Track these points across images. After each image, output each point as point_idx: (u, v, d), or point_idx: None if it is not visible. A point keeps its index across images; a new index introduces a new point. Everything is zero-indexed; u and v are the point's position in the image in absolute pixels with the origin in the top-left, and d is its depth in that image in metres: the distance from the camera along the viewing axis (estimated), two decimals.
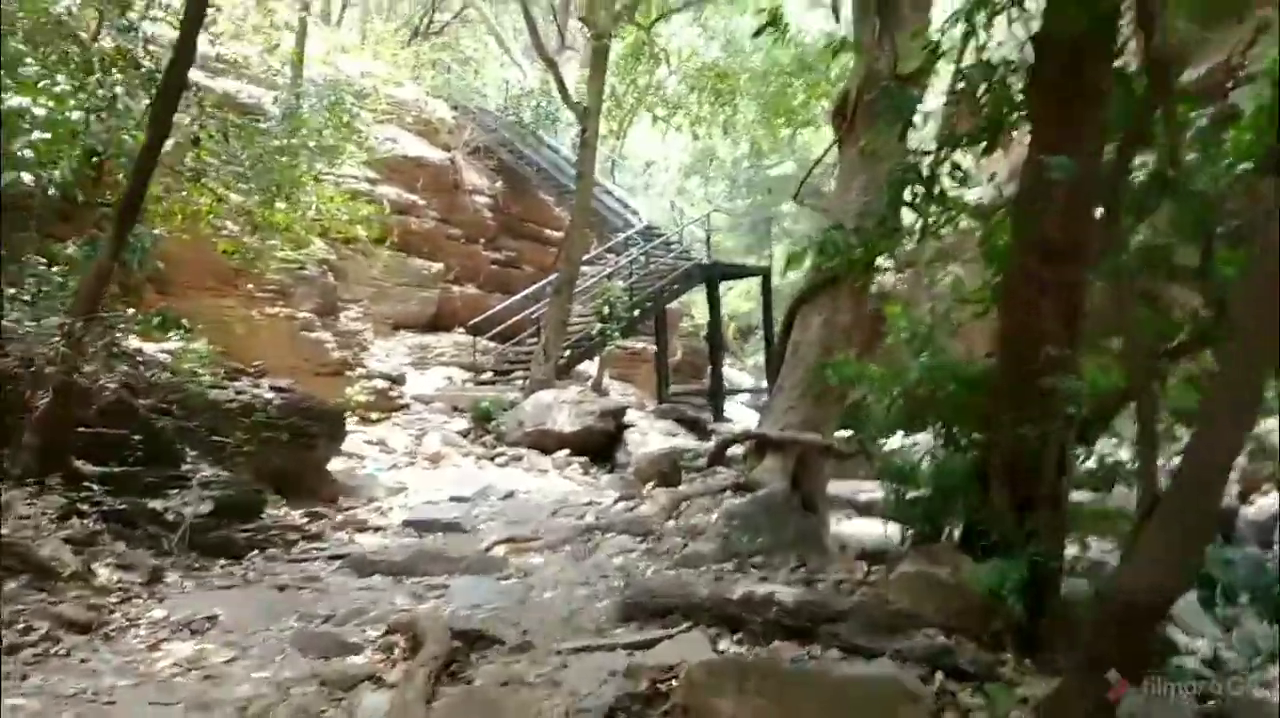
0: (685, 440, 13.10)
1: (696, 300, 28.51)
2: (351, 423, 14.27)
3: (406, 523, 7.92)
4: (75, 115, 7.02)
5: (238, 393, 7.65)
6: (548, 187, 21.57)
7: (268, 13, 15.11)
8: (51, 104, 6.79)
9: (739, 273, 22.15)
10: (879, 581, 5.37)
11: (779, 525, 6.37)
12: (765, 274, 20.33)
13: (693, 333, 27.35)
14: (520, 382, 16.06)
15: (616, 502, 8.34)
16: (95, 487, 5.74)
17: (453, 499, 9.82)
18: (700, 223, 21.05)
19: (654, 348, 21.40)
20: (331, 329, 15.00)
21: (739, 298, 34.77)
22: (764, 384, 28.61)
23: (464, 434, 14.08)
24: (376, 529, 7.84)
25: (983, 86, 5.00)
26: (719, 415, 18.82)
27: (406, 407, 15.61)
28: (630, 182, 25.09)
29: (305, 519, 7.43)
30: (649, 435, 13.13)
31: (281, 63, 17.83)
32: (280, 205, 10.76)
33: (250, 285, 13.74)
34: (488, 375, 17.70)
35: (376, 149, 18.74)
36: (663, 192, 27.73)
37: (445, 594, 5.63)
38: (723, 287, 21.17)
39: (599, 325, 16.00)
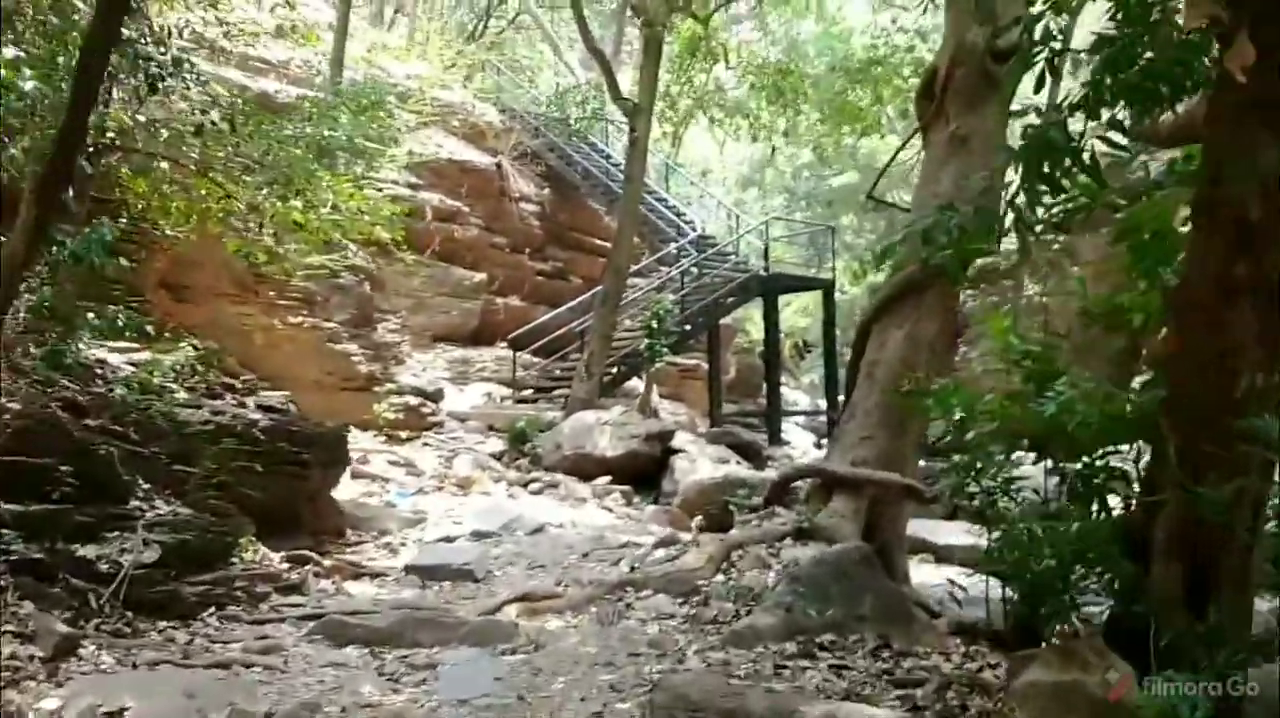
0: (739, 469, 11.81)
1: (751, 315, 27.07)
2: (379, 443, 13.27)
3: (410, 568, 6.73)
4: (28, 86, 5.98)
5: (214, 413, 6.53)
6: (598, 194, 20.44)
7: (294, 7, 14.19)
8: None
9: (800, 285, 20.75)
10: (996, 686, 4.05)
11: (855, 592, 5.06)
12: (828, 287, 18.92)
13: (748, 349, 26.07)
14: (563, 400, 14.90)
15: (656, 546, 7.09)
16: (4, 530, 4.64)
17: (474, 535, 8.66)
18: (758, 232, 19.64)
19: (706, 365, 20.17)
20: (361, 341, 13.99)
21: (795, 314, 33.35)
22: (822, 405, 27.23)
23: (498, 457, 12.93)
24: (374, 576, 6.68)
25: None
26: (775, 438, 17.47)
27: (440, 425, 14.53)
28: (685, 191, 23.79)
29: (286, 565, 6.27)
30: (699, 462, 11.85)
31: (320, 59, 17.05)
32: (295, 203, 9.72)
33: (273, 292, 12.80)
34: (529, 392, 16.57)
35: (418, 152, 17.85)
36: (719, 203, 26.58)
37: (430, 679, 4.42)
38: (780, 302, 19.81)
39: (647, 341, 14.73)
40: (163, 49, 8.19)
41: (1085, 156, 3.65)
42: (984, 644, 5.18)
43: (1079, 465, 4.00)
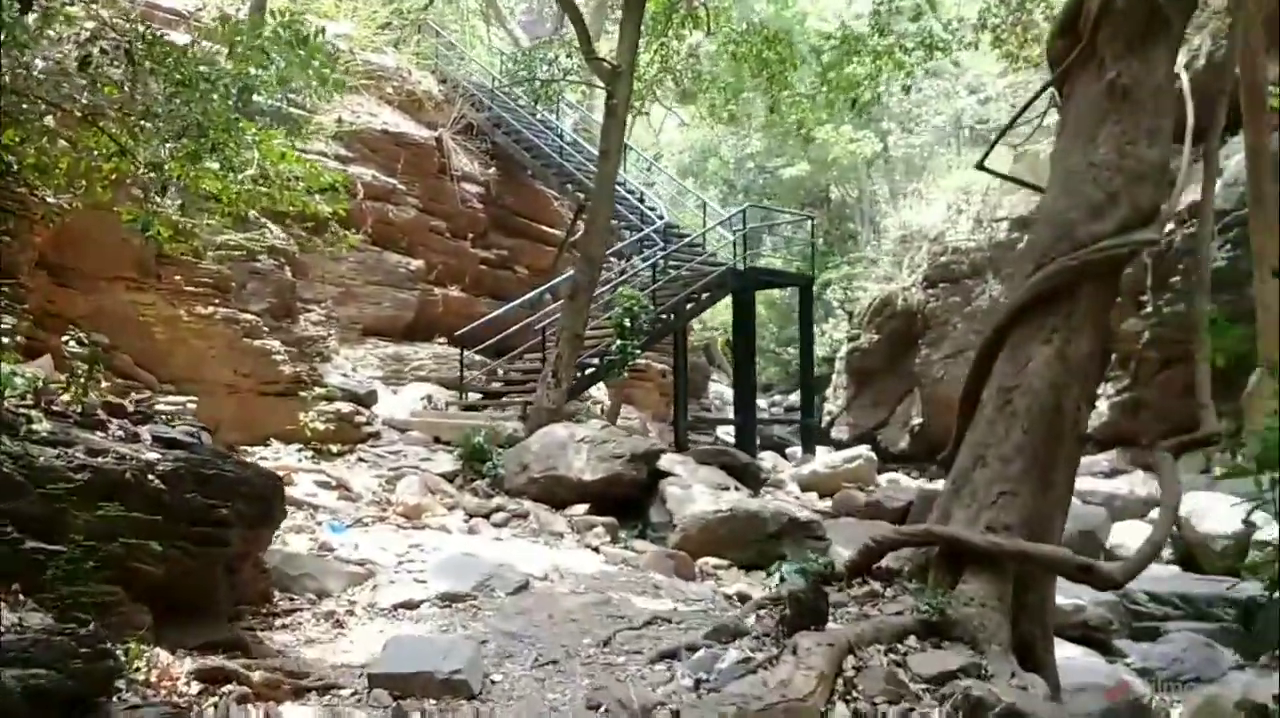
0: (744, 498, 10.03)
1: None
2: (305, 459, 11.10)
3: (375, 679, 4.69)
4: None
5: (91, 452, 4.42)
6: (548, 175, 18.46)
7: None
8: None
9: (778, 281, 19.12)
10: None
11: None
12: (807, 283, 17.25)
13: (694, 348, 24.46)
14: (518, 407, 12.91)
15: (713, 637, 5.17)
16: None
17: (442, 598, 6.67)
18: (732, 223, 17.75)
19: (657, 365, 18.45)
20: (283, 336, 11.80)
21: (727, 309, 31.65)
22: (780, 412, 25.75)
23: (450, 478, 10.89)
24: (324, 690, 4.62)
25: None
26: (749, 449, 15.72)
27: (376, 436, 12.43)
28: (633, 177, 21.88)
29: (197, 688, 4.20)
30: (694, 489, 10.02)
31: (236, 9, 14.77)
32: (211, 164, 7.57)
33: (178, 276, 10.55)
34: (477, 398, 14.52)
35: (348, 121, 15.65)
36: (660, 193, 24.75)
37: None
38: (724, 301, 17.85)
39: (619, 342, 12.81)
40: None
41: None
42: None
43: None
